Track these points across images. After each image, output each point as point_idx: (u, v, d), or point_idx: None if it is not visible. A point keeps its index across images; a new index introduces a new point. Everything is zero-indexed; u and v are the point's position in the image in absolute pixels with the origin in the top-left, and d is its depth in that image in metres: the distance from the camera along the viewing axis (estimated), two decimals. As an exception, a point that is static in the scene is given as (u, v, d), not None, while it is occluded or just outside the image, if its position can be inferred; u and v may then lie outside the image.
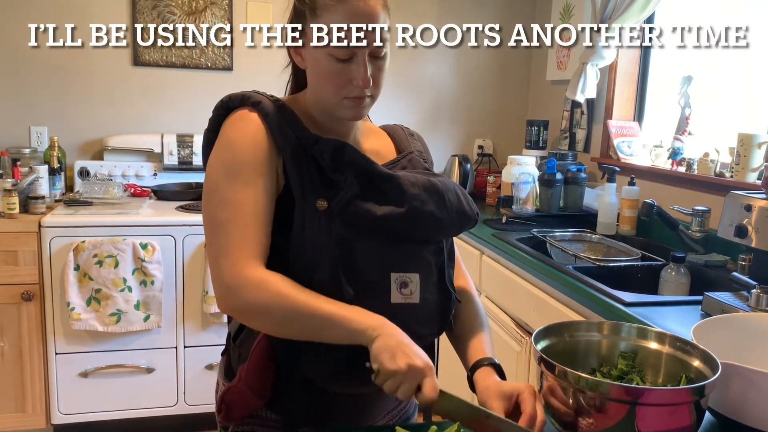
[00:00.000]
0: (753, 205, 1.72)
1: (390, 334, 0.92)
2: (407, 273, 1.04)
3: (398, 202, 1.03)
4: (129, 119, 3.08)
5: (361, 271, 1.01)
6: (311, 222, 1.00)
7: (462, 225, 1.12)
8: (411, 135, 1.24)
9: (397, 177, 1.05)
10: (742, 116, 2.29)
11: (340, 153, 1.03)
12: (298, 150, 1.02)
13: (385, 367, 0.90)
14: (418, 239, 1.07)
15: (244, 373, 1.03)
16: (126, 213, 2.61)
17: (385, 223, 1.01)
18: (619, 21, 2.52)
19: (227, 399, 1.05)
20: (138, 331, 2.57)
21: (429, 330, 1.10)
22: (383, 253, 1.03)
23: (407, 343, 0.92)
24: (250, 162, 1.00)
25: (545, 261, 2.05)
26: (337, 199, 1.00)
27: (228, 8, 3.08)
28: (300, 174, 1.01)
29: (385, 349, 0.91)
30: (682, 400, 0.85)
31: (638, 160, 2.69)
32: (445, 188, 1.09)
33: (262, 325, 1.00)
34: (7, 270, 2.47)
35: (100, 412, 2.64)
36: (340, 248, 0.99)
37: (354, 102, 1.04)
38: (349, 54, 1.00)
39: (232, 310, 1.00)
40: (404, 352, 0.90)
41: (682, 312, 1.59)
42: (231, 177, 1.00)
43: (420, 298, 1.05)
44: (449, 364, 2.56)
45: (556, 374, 0.90)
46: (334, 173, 1.02)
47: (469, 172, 3.25)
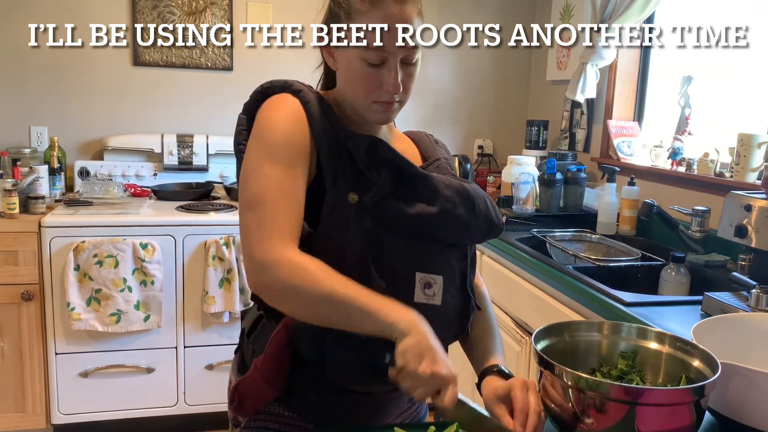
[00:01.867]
0: (753, 205, 1.72)
1: (423, 333, 0.91)
2: (432, 274, 1.04)
3: (430, 202, 1.04)
4: (129, 119, 3.08)
5: (388, 266, 1.01)
6: (340, 214, 1.00)
7: (488, 233, 1.13)
8: (436, 142, 1.25)
9: (432, 177, 1.06)
10: (742, 116, 2.29)
11: (374, 149, 1.04)
12: (334, 141, 1.03)
13: (410, 366, 0.89)
14: (445, 242, 1.07)
15: (260, 363, 1.02)
16: (126, 213, 2.61)
17: (415, 222, 1.02)
18: (619, 21, 2.52)
19: (240, 390, 1.05)
20: (138, 331, 2.57)
21: (448, 333, 1.10)
22: (410, 252, 1.03)
23: (437, 349, 0.90)
24: (290, 144, 1.01)
25: (545, 261, 2.05)
26: (371, 194, 1.00)
27: (228, 8, 3.09)
28: (334, 165, 1.02)
29: (414, 349, 0.89)
30: (682, 400, 0.85)
31: (638, 160, 2.69)
32: (476, 194, 1.10)
33: (292, 306, 0.96)
34: (7, 270, 2.47)
35: (100, 412, 2.64)
36: (369, 243, 1.00)
37: (383, 107, 1.05)
38: (380, 59, 1.01)
39: (264, 287, 0.97)
40: (432, 357, 0.89)
41: (682, 312, 1.59)
42: (273, 156, 0.99)
43: (442, 300, 1.05)
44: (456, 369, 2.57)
45: (556, 374, 0.90)
46: (368, 169, 1.02)
47: (469, 172, 3.25)
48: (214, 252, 2.58)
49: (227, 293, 2.60)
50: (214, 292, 2.59)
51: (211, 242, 2.59)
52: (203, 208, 2.74)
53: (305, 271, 0.94)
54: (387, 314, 0.92)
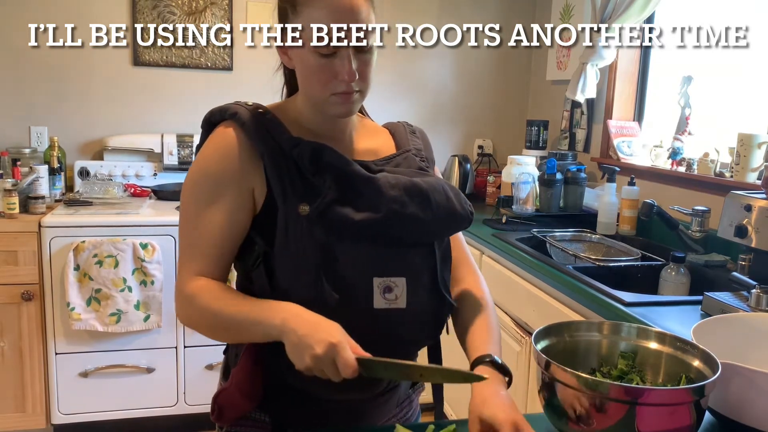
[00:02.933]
0: (753, 205, 1.72)
1: (291, 330, 0.90)
2: (391, 277, 1.02)
3: (376, 206, 1.00)
4: (129, 119, 3.08)
5: (342, 276, 0.99)
6: (294, 227, 0.98)
7: (452, 226, 1.10)
8: (413, 132, 1.21)
9: (375, 179, 1.02)
10: (742, 116, 2.29)
11: (318, 155, 1.01)
12: (279, 155, 1.01)
13: (298, 366, 0.90)
14: (405, 242, 1.04)
15: (235, 375, 1.03)
16: (126, 213, 2.61)
17: (364, 228, 0.99)
18: (619, 21, 2.52)
19: (219, 401, 1.05)
20: (138, 331, 2.57)
21: (421, 335, 1.08)
22: (366, 258, 1.01)
23: (307, 334, 0.89)
24: (214, 180, 1.02)
25: (545, 261, 2.05)
26: (316, 204, 0.98)
27: (228, 8, 3.08)
28: (281, 179, 1.00)
29: (291, 350, 0.90)
30: (682, 400, 0.85)
31: (638, 160, 2.69)
32: (432, 188, 1.05)
33: (204, 333, 1.02)
34: (7, 270, 2.47)
35: (100, 412, 2.64)
36: (322, 253, 0.98)
37: (342, 98, 1.02)
38: (332, 49, 0.98)
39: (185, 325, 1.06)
40: (307, 345, 0.88)
41: (682, 312, 1.60)
42: (193, 196, 1.03)
43: (407, 303, 1.03)
44: (449, 365, 2.57)
45: (556, 374, 0.90)
46: (314, 176, 1.00)
47: (469, 172, 3.25)
48: (214, 252, 2.58)
49: (227, 293, 2.59)
50: (214, 292, 2.59)
51: (211, 242, 2.59)
52: (203, 208, 2.73)
53: (195, 304, 1.00)
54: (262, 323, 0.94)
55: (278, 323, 0.92)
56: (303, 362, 0.89)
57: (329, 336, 0.88)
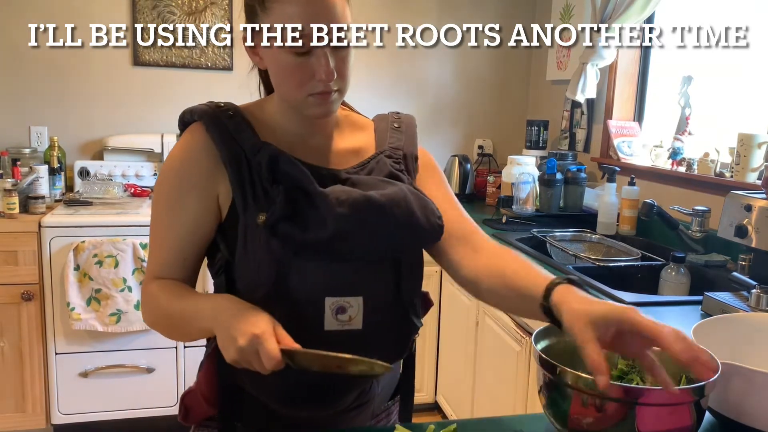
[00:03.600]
0: (753, 205, 1.72)
1: (219, 322, 0.87)
2: (346, 297, 0.95)
3: (323, 224, 0.93)
4: (129, 119, 3.08)
5: (292, 294, 0.94)
6: (253, 237, 0.94)
7: (416, 240, 1.02)
8: (396, 127, 1.12)
9: (324, 195, 0.94)
10: (742, 116, 2.29)
11: (275, 163, 0.95)
12: (241, 161, 0.96)
13: (228, 357, 0.86)
14: (364, 259, 0.97)
15: (199, 380, 1.03)
16: (126, 213, 2.61)
17: (310, 246, 0.93)
18: (619, 21, 2.52)
19: (186, 402, 1.04)
20: (138, 331, 2.57)
21: (381, 357, 0.88)
22: (319, 276, 0.95)
23: (231, 326, 0.85)
24: (178, 183, 1.00)
25: (545, 261, 2.05)
26: (267, 215, 0.92)
27: (228, 8, 3.09)
28: (242, 187, 0.95)
29: (221, 343, 0.86)
30: (682, 400, 0.85)
31: (638, 160, 2.69)
32: (391, 201, 0.96)
33: (165, 336, 1.04)
34: (7, 270, 2.47)
35: (100, 412, 2.64)
36: (277, 268, 0.94)
37: (320, 98, 0.95)
38: (307, 47, 0.92)
39: (150, 327, 1.05)
40: (231, 336, 0.84)
41: (682, 312, 1.60)
42: (160, 196, 1.02)
43: (363, 323, 0.96)
44: (449, 365, 2.56)
45: (556, 374, 0.90)
46: (271, 186, 0.94)
47: (469, 172, 3.25)
48: (214, 252, 2.58)
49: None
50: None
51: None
52: (203, 208, 2.73)
53: (149, 304, 1.00)
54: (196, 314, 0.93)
55: (209, 315, 0.90)
56: (229, 354, 0.85)
57: (253, 327, 0.83)
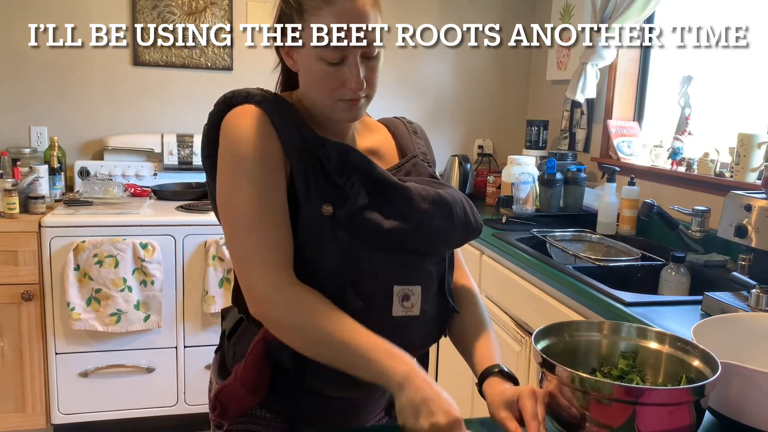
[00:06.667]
0: (753, 205, 1.72)
1: (417, 387, 0.88)
2: (409, 285, 1.03)
3: (407, 217, 1.01)
4: (129, 119, 3.08)
5: (365, 283, 0.99)
6: (315, 227, 0.97)
7: (466, 237, 1.11)
8: (414, 132, 1.20)
9: (408, 189, 1.02)
10: (742, 116, 2.29)
11: (346, 157, 1.00)
12: (304, 150, 1.00)
13: (409, 423, 0.88)
14: (421, 252, 1.06)
15: (240, 371, 1.03)
16: (126, 213, 2.61)
17: (391, 235, 0.99)
18: (619, 21, 2.52)
19: (221, 398, 1.05)
20: (138, 331, 2.58)
21: (426, 341, 1.09)
22: (387, 266, 1.01)
23: (432, 398, 0.88)
24: (264, 162, 0.98)
25: (545, 261, 2.05)
26: (345, 207, 0.97)
27: (228, 8, 3.08)
28: (306, 176, 0.98)
29: (409, 406, 0.88)
30: (682, 400, 0.85)
31: (638, 160, 2.69)
32: (454, 201, 1.07)
33: (292, 343, 0.97)
34: (7, 270, 2.47)
35: (100, 412, 2.64)
36: (345, 258, 0.98)
37: (349, 104, 1.01)
38: (340, 57, 0.97)
39: (264, 318, 0.98)
40: (429, 410, 0.87)
41: (682, 312, 1.59)
42: (251, 177, 0.97)
43: (420, 310, 1.04)
44: (449, 367, 2.56)
45: (556, 374, 0.90)
46: (340, 178, 0.99)
47: (469, 172, 3.25)
48: (214, 252, 2.58)
49: (227, 293, 2.60)
50: (214, 292, 2.59)
51: (211, 242, 2.59)
52: (203, 208, 2.74)
53: (304, 310, 0.95)
54: (383, 365, 0.91)
55: (400, 375, 0.90)
56: (416, 422, 0.87)
57: (453, 410, 0.87)
